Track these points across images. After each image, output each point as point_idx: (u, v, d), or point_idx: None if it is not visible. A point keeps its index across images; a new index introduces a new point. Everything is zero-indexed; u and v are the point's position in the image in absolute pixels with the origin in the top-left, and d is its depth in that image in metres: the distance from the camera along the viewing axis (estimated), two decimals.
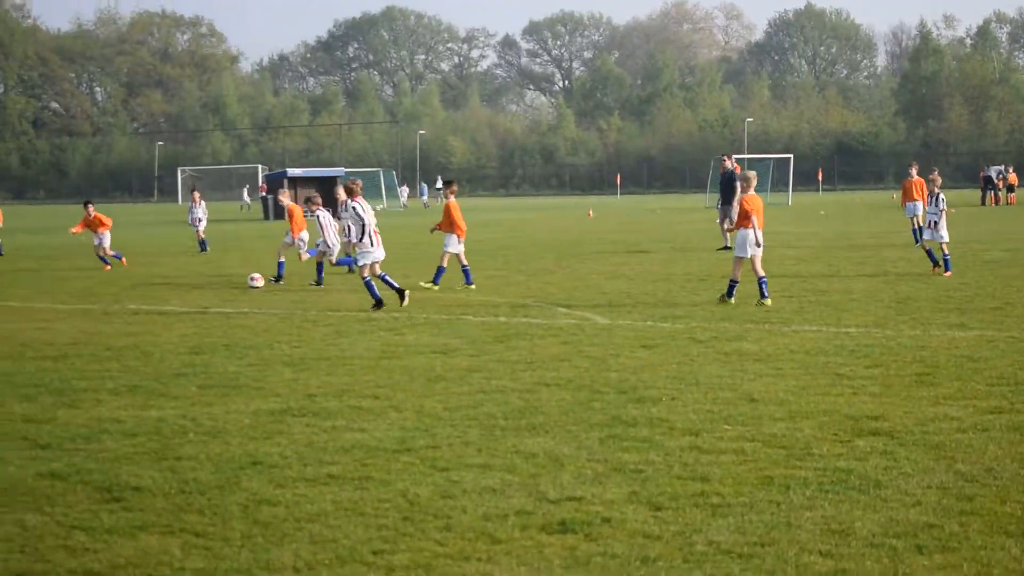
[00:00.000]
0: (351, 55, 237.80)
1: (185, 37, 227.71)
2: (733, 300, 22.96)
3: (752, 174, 23.88)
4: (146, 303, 25.98)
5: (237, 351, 18.29)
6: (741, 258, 23.15)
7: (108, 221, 38.43)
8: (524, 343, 18.46)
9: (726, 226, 35.37)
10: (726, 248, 38.67)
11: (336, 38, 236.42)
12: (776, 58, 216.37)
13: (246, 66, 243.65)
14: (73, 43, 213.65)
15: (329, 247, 29.91)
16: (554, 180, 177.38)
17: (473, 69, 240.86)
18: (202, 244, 45.54)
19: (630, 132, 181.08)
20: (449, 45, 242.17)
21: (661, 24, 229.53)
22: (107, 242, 37.99)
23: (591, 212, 77.69)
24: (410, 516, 9.20)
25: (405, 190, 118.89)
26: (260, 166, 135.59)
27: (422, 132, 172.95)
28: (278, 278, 30.07)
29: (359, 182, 25.17)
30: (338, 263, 30.75)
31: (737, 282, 23.16)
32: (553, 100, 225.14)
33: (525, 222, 68.66)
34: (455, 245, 27.86)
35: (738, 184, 40.17)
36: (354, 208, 24.30)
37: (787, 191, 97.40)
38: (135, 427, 12.65)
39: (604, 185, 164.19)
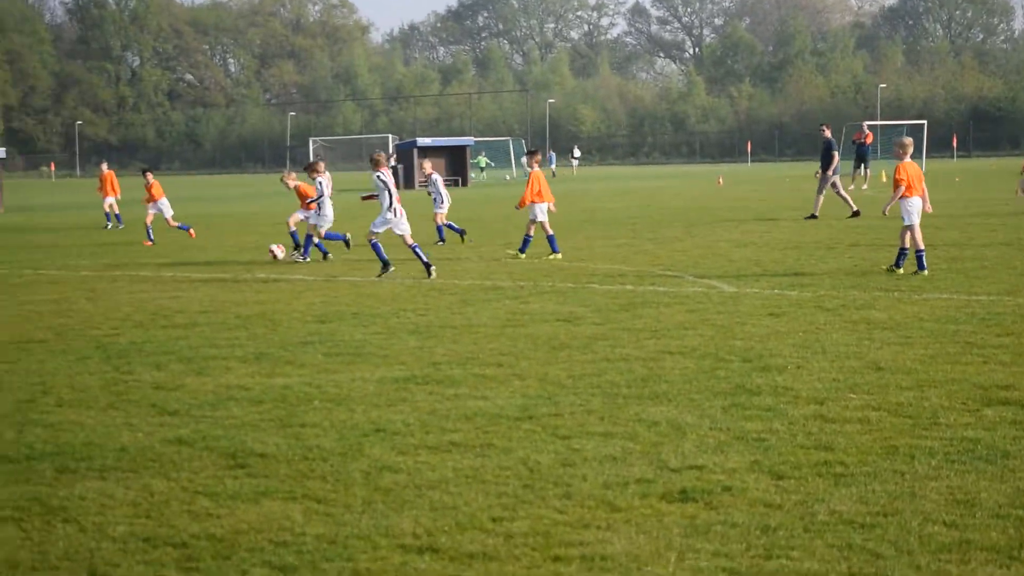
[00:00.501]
0: (481, 24, 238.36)
1: (316, 8, 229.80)
2: (926, 271, 22.20)
3: (908, 141, 23.32)
4: (275, 272, 26.25)
5: (364, 319, 18.41)
6: (909, 226, 22.56)
7: (157, 194, 37.89)
8: (650, 311, 18.39)
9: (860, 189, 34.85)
10: (855, 215, 38.31)
11: (466, 7, 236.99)
12: (910, 23, 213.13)
13: (376, 36, 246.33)
14: (207, 15, 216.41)
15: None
16: (684, 148, 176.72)
17: (603, 37, 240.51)
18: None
19: (761, 99, 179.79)
20: (579, 13, 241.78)
21: None
22: (167, 213, 37.83)
23: (721, 180, 77.24)
24: (530, 484, 9.20)
25: (525, 160, 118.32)
26: (391, 136, 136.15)
27: (552, 101, 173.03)
28: (302, 250, 29.12)
29: (383, 154, 25.29)
30: (328, 237, 29.35)
31: (907, 250, 22.55)
32: (683, 67, 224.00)
33: (655, 190, 68.42)
34: (541, 214, 27.97)
35: (835, 153, 39.80)
36: (378, 177, 24.68)
37: (921, 158, 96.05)
38: (261, 394, 12.78)
39: (735, 153, 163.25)
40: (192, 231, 37.87)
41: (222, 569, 7.54)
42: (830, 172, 39.71)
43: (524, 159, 28.90)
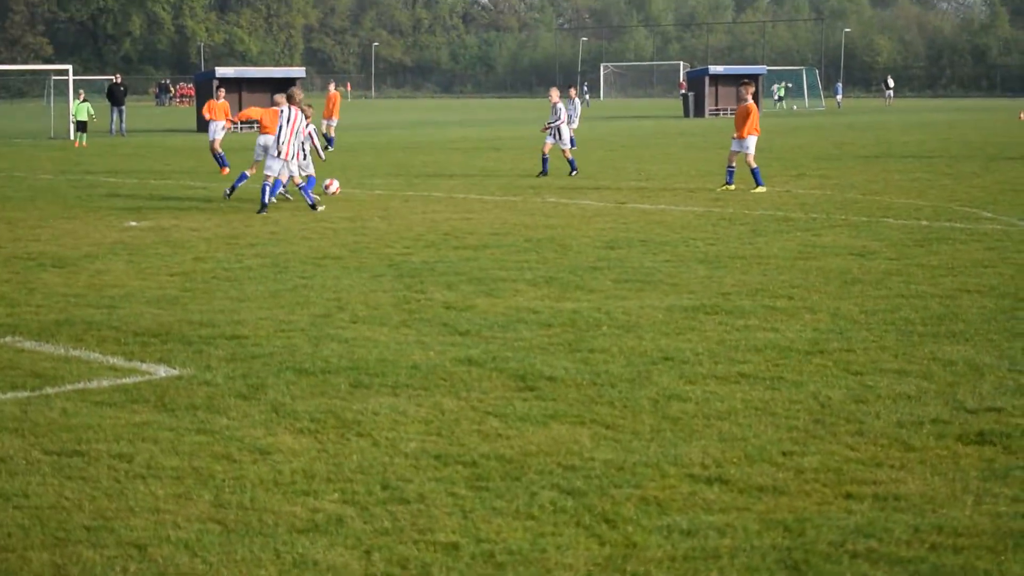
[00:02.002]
0: None
1: None
2: None
3: None
4: (564, 197, 26.34)
5: (653, 247, 18.35)
6: None
7: (219, 113, 34.78)
8: (946, 247, 17.92)
9: None
10: None
11: None
12: None
13: None
14: None
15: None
16: (984, 81, 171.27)
17: None
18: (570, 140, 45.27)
19: None
20: None
21: None
22: (218, 136, 34.18)
23: (1023, 115, 74.74)
24: (821, 419, 9.05)
25: (776, 89, 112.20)
26: (681, 63, 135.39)
27: (847, 30, 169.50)
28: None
29: (293, 91, 23.86)
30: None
31: None
32: None
33: (953, 124, 66.61)
34: (751, 147, 27.25)
35: None
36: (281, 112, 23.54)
37: None
38: (550, 318, 12.84)
39: None
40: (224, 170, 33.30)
41: (511, 489, 7.59)
42: None
43: (740, 90, 28.01)
